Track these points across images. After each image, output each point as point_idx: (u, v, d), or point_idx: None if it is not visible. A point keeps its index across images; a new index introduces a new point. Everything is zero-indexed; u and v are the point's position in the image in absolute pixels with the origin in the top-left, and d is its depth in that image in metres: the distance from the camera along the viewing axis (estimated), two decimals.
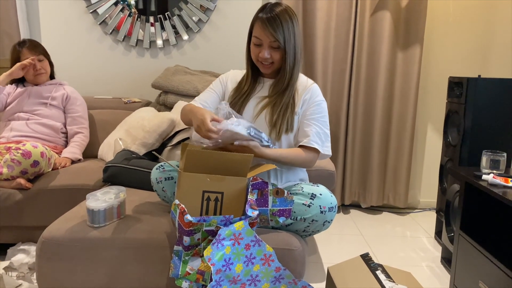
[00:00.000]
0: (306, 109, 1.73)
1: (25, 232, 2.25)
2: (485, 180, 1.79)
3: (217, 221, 1.45)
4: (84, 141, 2.67)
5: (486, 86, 2.30)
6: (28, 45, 2.55)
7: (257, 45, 1.68)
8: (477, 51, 3.13)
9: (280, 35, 1.62)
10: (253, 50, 1.70)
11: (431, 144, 3.29)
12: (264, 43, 1.65)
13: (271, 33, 1.61)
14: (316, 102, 1.73)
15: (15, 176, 2.17)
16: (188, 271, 1.47)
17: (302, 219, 1.59)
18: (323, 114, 1.74)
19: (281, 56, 1.67)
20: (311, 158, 1.71)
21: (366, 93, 3.09)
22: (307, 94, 1.73)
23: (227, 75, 1.88)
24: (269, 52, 1.66)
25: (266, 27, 1.62)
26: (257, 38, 1.66)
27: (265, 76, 1.79)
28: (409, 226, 2.99)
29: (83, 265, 1.54)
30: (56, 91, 2.64)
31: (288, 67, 1.68)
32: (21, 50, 2.54)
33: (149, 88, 3.11)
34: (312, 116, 1.72)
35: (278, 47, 1.65)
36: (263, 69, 1.72)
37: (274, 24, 1.61)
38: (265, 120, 1.71)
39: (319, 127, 1.71)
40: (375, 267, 1.65)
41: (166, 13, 3.10)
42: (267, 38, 1.63)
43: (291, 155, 1.67)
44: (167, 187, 1.76)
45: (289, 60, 1.67)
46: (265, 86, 1.78)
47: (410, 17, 2.98)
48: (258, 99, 1.75)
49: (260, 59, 1.68)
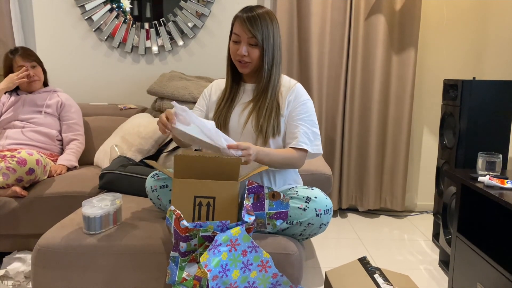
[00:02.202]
0: (292, 110, 1.72)
1: (21, 240, 2.23)
2: (481, 182, 1.79)
3: (213, 227, 1.44)
4: (79, 148, 2.66)
5: (481, 88, 2.30)
6: (20, 52, 2.55)
7: (235, 42, 1.67)
8: (471, 53, 3.15)
9: (257, 32, 1.62)
10: (232, 48, 1.69)
11: (427, 147, 3.29)
12: (242, 40, 1.65)
13: (248, 29, 1.62)
14: (301, 102, 1.72)
15: (10, 184, 2.16)
16: (185, 277, 1.47)
17: (298, 223, 1.58)
18: (310, 113, 1.73)
19: (259, 54, 1.66)
20: (300, 157, 1.70)
21: (362, 97, 3.10)
22: (291, 95, 1.73)
23: (210, 87, 1.88)
24: (247, 49, 1.65)
25: (244, 23, 1.62)
26: (235, 35, 1.66)
27: (246, 81, 1.79)
28: (407, 229, 2.98)
29: (79, 272, 1.53)
30: (51, 99, 2.63)
31: (266, 65, 1.67)
32: (14, 57, 2.54)
33: (145, 94, 3.10)
34: (298, 116, 1.71)
35: (256, 44, 1.64)
36: (241, 68, 1.71)
37: (252, 21, 1.62)
38: (251, 126, 1.70)
39: (306, 127, 1.70)
40: (373, 271, 1.64)
41: (161, 19, 3.11)
42: (245, 34, 1.63)
43: (281, 155, 1.65)
44: (162, 195, 1.75)
45: (267, 59, 1.67)
46: (246, 91, 1.78)
47: (405, 21, 2.99)
48: (243, 105, 1.75)
49: (237, 57, 1.68)
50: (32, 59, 2.57)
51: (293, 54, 3.08)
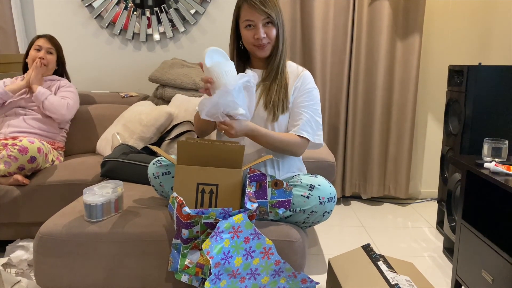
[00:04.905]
0: (297, 96, 1.70)
1: (24, 228, 2.23)
2: (487, 168, 1.76)
3: (216, 214, 1.43)
4: (60, 100, 2.52)
5: (487, 74, 2.27)
6: (46, 36, 2.61)
7: (249, 27, 1.64)
8: (477, 39, 3.10)
9: (271, 10, 1.60)
10: (246, 34, 1.65)
11: (431, 134, 3.27)
12: (257, 23, 1.62)
13: (262, 9, 1.59)
14: (307, 89, 1.70)
15: (12, 172, 2.15)
16: (187, 264, 1.46)
17: (301, 210, 1.57)
18: (315, 101, 1.70)
19: (276, 33, 1.65)
20: (300, 144, 1.67)
21: (366, 83, 3.07)
22: (298, 82, 1.71)
23: None
24: (264, 31, 1.63)
25: (256, 5, 1.59)
26: (248, 21, 1.63)
27: (254, 66, 1.76)
28: (411, 216, 2.97)
29: (81, 260, 1.52)
30: (52, 86, 2.62)
31: (281, 43, 1.66)
32: (38, 39, 2.59)
33: (146, 82, 3.08)
34: (302, 103, 1.69)
35: (272, 23, 1.63)
36: (260, 52, 1.67)
37: (262, 1, 1.59)
38: (262, 106, 1.68)
39: (310, 115, 1.68)
40: (377, 258, 1.63)
41: (162, 6, 3.07)
42: (260, 16, 1.60)
43: (280, 138, 1.63)
44: (165, 182, 1.74)
45: (283, 36, 1.66)
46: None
47: (409, 6, 2.94)
48: None
49: (256, 42, 1.64)
50: (51, 45, 2.60)
51: (296, 40, 3.05)
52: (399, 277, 1.49)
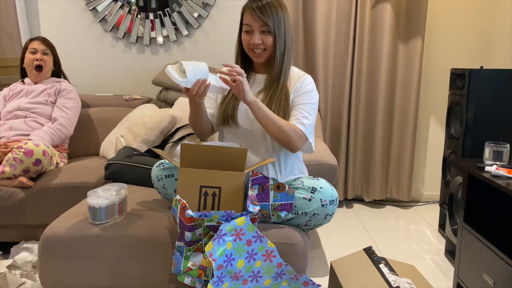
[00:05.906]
0: (296, 96, 1.70)
1: (28, 230, 2.25)
2: (488, 171, 1.77)
3: (218, 216, 1.44)
4: (57, 130, 2.50)
5: (489, 77, 2.28)
6: (39, 38, 2.64)
7: (247, 32, 1.66)
8: (479, 42, 3.10)
9: (269, 19, 1.61)
10: (244, 38, 1.68)
11: (433, 137, 3.27)
12: (255, 29, 1.63)
13: (259, 17, 1.61)
14: (306, 90, 1.70)
15: (17, 174, 2.17)
16: (190, 266, 1.47)
17: (303, 213, 1.58)
18: (313, 102, 1.70)
19: (273, 41, 1.65)
20: (298, 135, 1.61)
21: (368, 86, 3.08)
22: (299, 83, 1.71)
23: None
24: (260, 38, 1.64)
25: (255, 11, 1.61)
26: (247, 25, 1.65)
27: (257, 71, 1.77)
28: (413, 219, 2.97)
29: (85, 262, 1.54)
30: (51, 88, 2.63)
31: (278, 52, 1.66)
32: (31, 42, 2.62)
33: (150, 85, 3.10)
34: (300, 101, 1.68)
35: (269, 31, 1.63)
36: (255, 58, 1.69)
37: (262, 9, 1.61)
38: None
39: (308, 113, 1.66)
40: (378, 261, 1.64)
41: (166, 9, 3.09)
42: (257, 23, 1.62)
43: (277, 119, 1.58)
44: (168, 185, 1.75)
45: (279, 45, 1.66)
46: (257, 81, 1.76)
47: (411, 9, 2.95)
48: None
49: (251, 46, 1.66)
50: (46, 46, 2.63)
51: (298, 44, 3.06)
52: (401, 280, 1.49)
